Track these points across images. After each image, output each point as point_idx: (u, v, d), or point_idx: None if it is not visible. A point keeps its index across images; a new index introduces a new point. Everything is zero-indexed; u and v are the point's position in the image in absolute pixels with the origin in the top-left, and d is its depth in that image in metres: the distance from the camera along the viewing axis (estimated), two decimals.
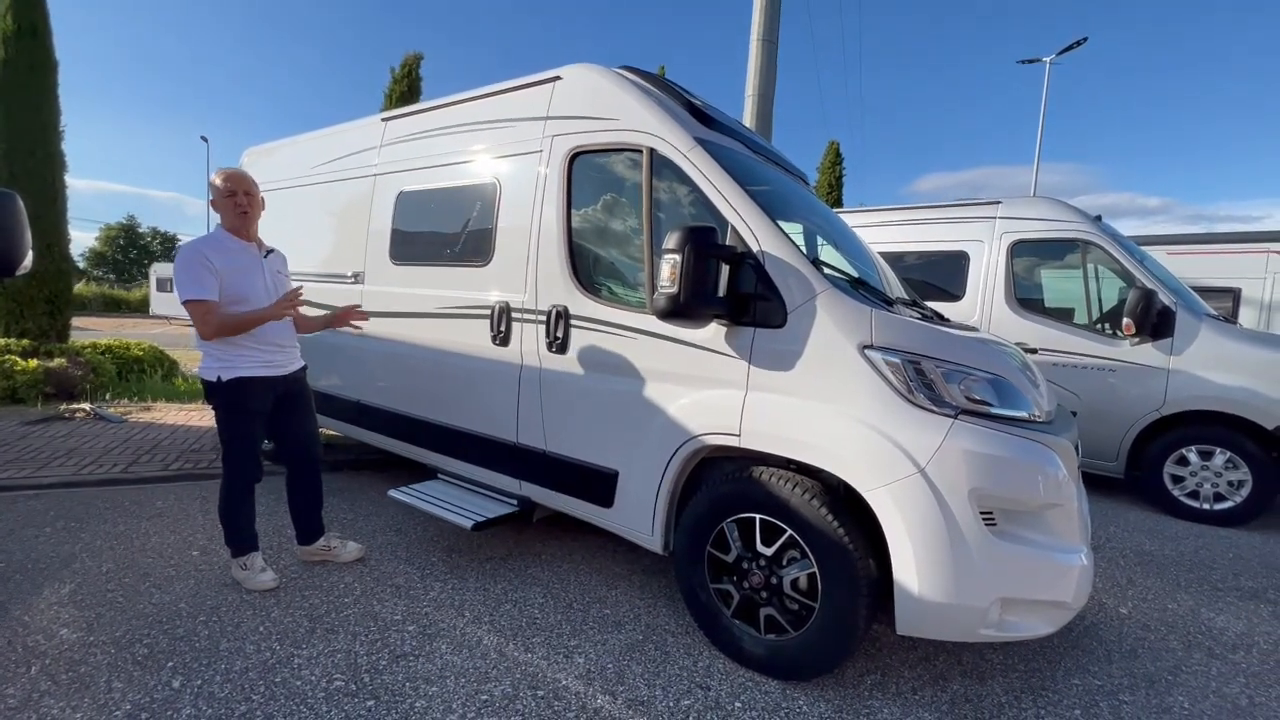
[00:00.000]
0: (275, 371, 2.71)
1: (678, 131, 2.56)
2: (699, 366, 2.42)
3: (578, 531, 3.52)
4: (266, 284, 2.69)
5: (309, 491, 3.01)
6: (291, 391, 2.83)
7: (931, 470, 1.96)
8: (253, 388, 2.64)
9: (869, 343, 2.11)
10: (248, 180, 2.68)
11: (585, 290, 2.78)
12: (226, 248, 2.60)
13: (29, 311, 7.27)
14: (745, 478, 2.30)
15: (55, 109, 7.42)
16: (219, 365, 2.60)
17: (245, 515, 2.77)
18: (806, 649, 2.17)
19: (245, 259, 2.63)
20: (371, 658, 2.26)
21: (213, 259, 2.51)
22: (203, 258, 2.50)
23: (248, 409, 2.66)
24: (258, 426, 2.73)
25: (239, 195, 2.61)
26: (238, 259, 2.60)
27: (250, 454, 2.72)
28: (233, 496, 2.72)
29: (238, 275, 2.57)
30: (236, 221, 2.63)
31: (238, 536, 2.76)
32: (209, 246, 2.56)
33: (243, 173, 2.72)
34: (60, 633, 2.33)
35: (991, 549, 1.94)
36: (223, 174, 2.65)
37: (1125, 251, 4.79)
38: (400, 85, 9.38)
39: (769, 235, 2.30)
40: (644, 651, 2.41)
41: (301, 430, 2.93)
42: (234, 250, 2.62)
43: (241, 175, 2.69)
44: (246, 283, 2.60)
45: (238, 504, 2.74)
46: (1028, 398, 2.19)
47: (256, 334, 2.61)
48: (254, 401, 2.66)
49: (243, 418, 2.67)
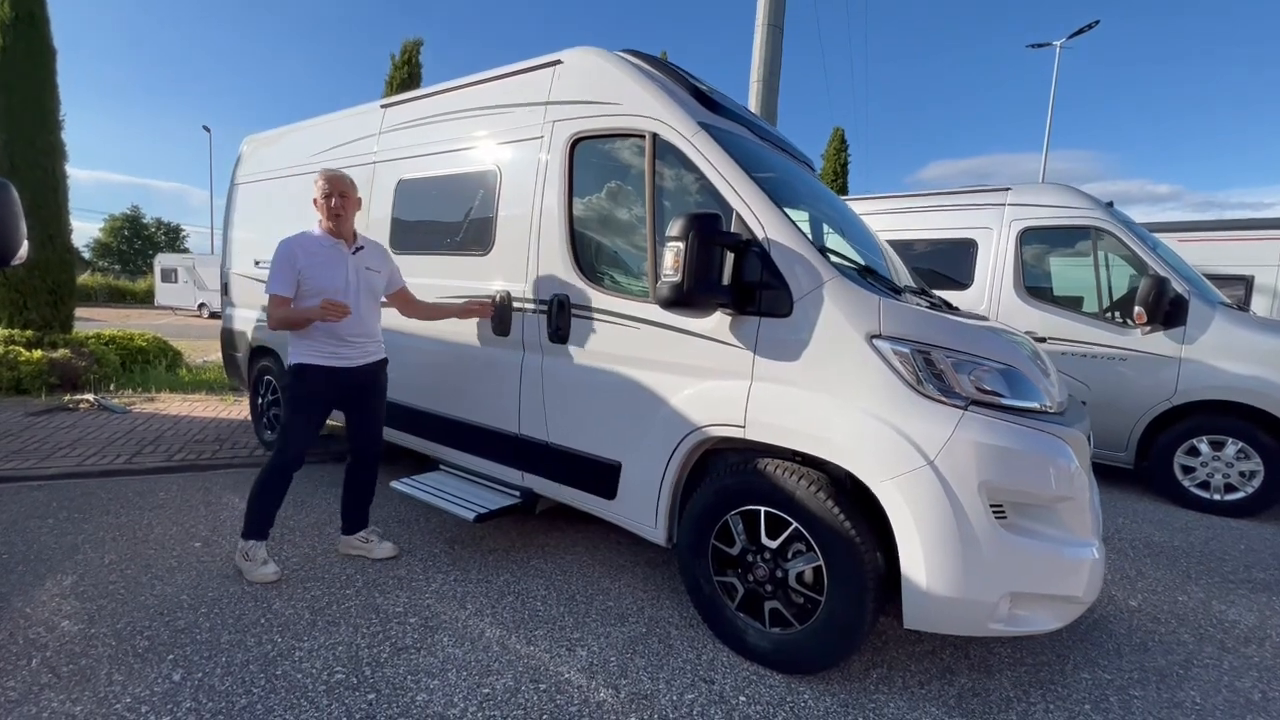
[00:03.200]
0: (340, 363, 2.76)
1: (681, 116, 2.50)
2: (703, 357, 2.37)
3: (580, 522, 3.50)
4: (349, 278, 2.76)
5: (360, 488, 3.03)
6: (361, 385, 2.86)
7: (941, 463, 1.91)
8: (314, 375, 2.72)
9: (877, 332, 2.06)
10: (345, 183, 2.77)
11: (587, 279, 2.74)
12: (314, 244, 2.73)
13: (32, 302, 7.26)
14: (750, 470, 2.26)
15: (55, 97, 7.37)
16: (292, 351, 2.77)
17: (272, 500, 2.77)
18: (812, 643, 2.14)
19: (329, 254, 2.73)
20: (373, 650, 2.25)
21: (298, 256, 2.66)
22: (289, 255, 2.66)
23: (308, 395, 2.75)
24: (316, 414, 2.80)
25: (334, 198, 2.72)
26: (321, 254, 2.71)
27: (300, 438, 2.76)
28: (269, 477, 2.75)
29: (318, 269, 2.68)
30: (328, 222, 2.74)
31: (255, 519, 2.76)
32: (298, 243, 2.71)
33: (340, 174, 2.80)
34: (62, 624, 2.32)
35: (1001, 543, 1.90)
36: (323, 176, 2.75)
37: (1138, 239, 4.71)
38: (400, 72, 9.29)
39: (775, 222, 2.25)
40: (647, 644, 2.38)
41: (364, 427, 2.97)
42: (321, 247, 2.73)
43: (339, 177, 2.77)
44: (326, 276, 2.70)
45: (271, 486, 2.75)
46: (1039, 388, 2.14)
47: (323, 327, 2.68)
48: (315, 389, 2.75)
49: (302, 402, 2.75)
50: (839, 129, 16.46)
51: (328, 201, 2.72)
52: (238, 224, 5.21)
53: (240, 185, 5.21)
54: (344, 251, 2.77)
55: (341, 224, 2.75)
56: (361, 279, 2.81)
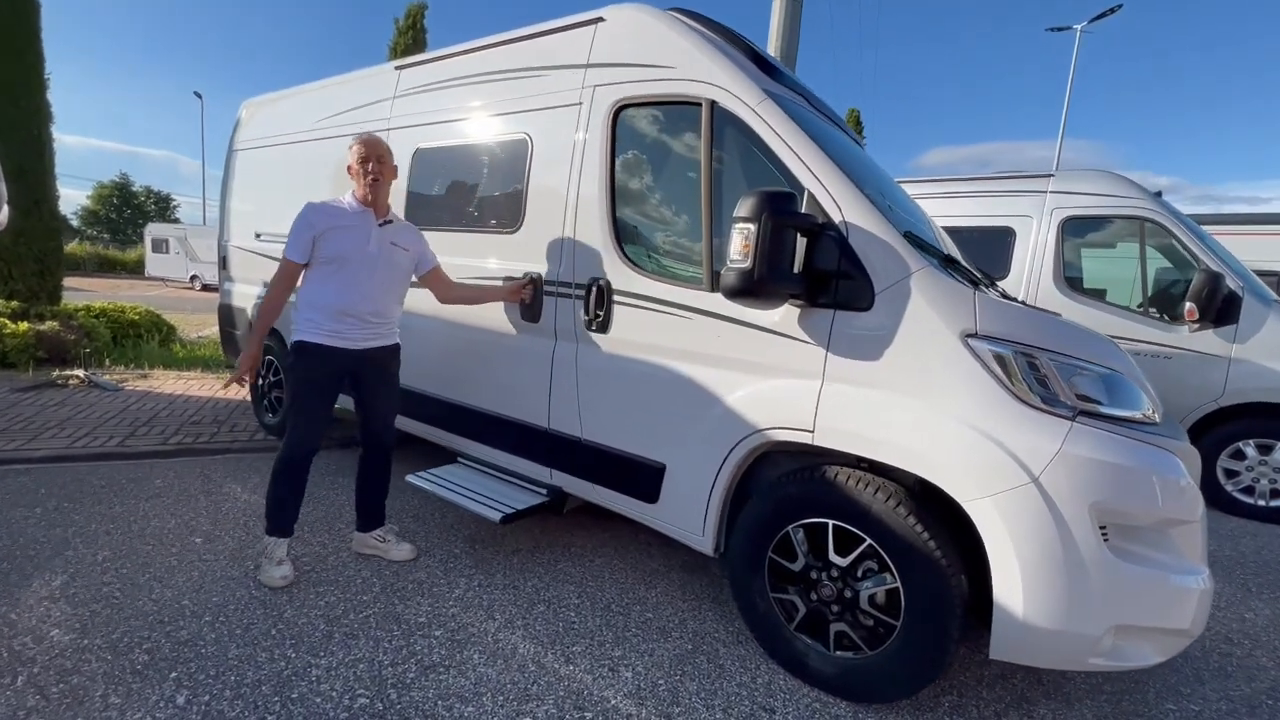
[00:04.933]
0: (342, 343, 2.52)
1: (745, 83, 2.24)
2: (765, 352, 2.14)
3: (605, 520, 3.29)
4: (372, 249, 2.53)
5: (372, 482, 2.80)
6: (366, 371, 2.64)
7: (1047, 480, 1.70)
8: (313, 354, 2.50)
9: (973, 331, 1.84)
10: (383, 148, 2.57)
11: (630, 263, 2.49)
12: (338, 209, 2.54)
13: (18, 271, 6.95)
14: (818, 479, 2.04)
15: (39, 55, 6.97)
16: (294, 325, 2.57)
17: (286, 495, 2.56)
18: (885, 671, 1.94)
19: (354, 220, 2.53)
20: (397, 669, 2.04)
21: (317, 219, 2.48)
22: (308, 217, 2.49)
23: (309, 375, 2.53)
24: (319, 398, 2.56)
25: (371, 162, 2.50)
26: (343, 219, 2.52)
27: (305, 426, 2.55)
28: (284, 466, 2.54)
29: (338, 234, 2.49)
30: (365, 188, 2.52)
31: (271, 515, 2.55)
32: (322, 206, 2.54)
33: (378, 139, 2.60)
34: (51, 634, 2.10)
35: (1111, 570, 1.70)
36: (359, 141, 2.55)
37: (1189, 231, 4.48)
38: (405, 38, 8.90)
39: (854, 204, 2.00)
40: (695, 664, 2.19)
41: (373, 418, 2.74)
42: (344, 212, 2.54)
43: (377, 141, 2.57)
44: (346, 241, 2.49)
45: (287, 475, 2.55)
46: (1143, 395, 1.93)
47: (326, 301, 2.49)
48: (315, 369, 2.52)
49: (304, 384, 2.54)
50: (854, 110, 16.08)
51: (364, 166, 2.49)
52: (236, 193, 4.91)
53: (239, 152, 4.89)
54: (371, 220, 2.55)
55: (378, 190, 2.54)
56: (384, 253, 2.57)
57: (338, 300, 2.48)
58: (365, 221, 2.53)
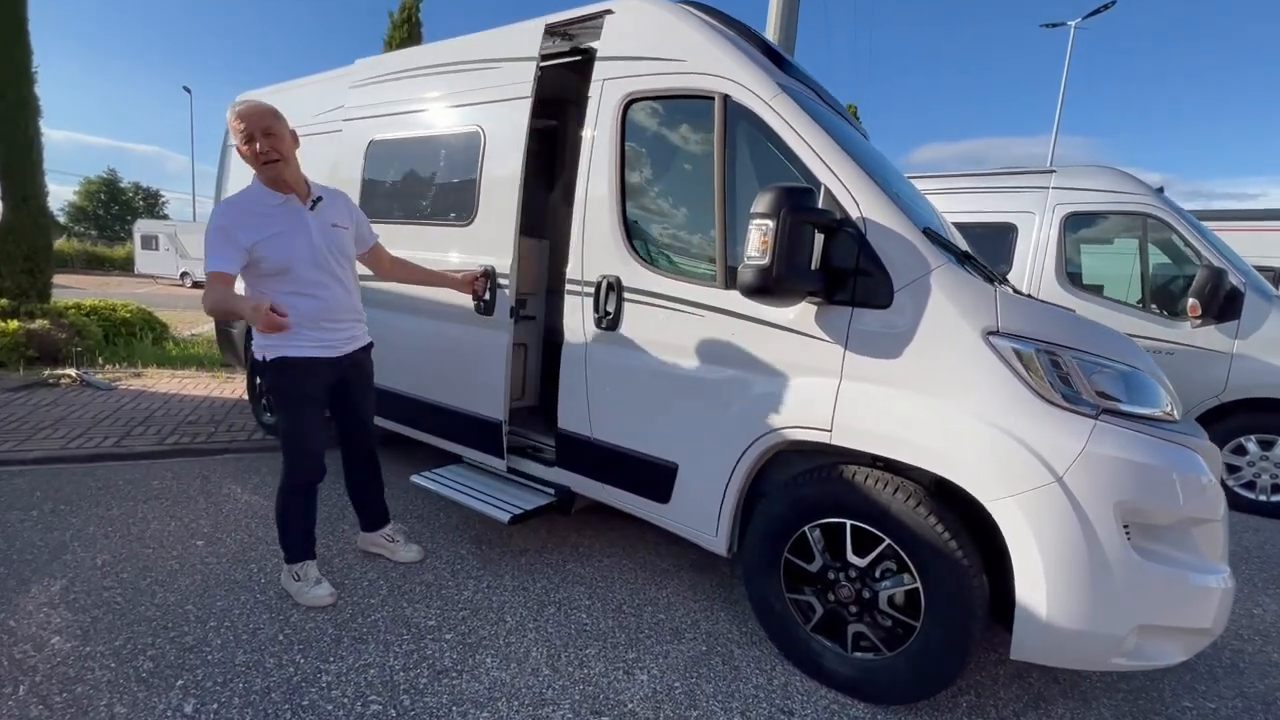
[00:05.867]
0: (330, 352, 2.30)
1: (758, 76, 2.20)
2: (781, 351, 2.11)
3: (611, 519, 3.26)
4: (314, 242, 2.19)
5: (365, 482, 2.71)
6: (351, 374, 2.43)
7: (1071, 479, 1.68)
8: (302, 369, 2.24)
9: (994, 328, 1.81)
10: (267, 115, 2.09)
11: (641, 259, 2.45)
12: (258, 211, 2.12)
13: (7, 269, 6.80)
14: (835, 478, 2.02)
15: (26, 48, 6.81)
16: (265, 342, 2.20)
17: (304, 517, 2.41)
18: (904, 672, 1.92)
19: (282, 221, 2.15)
20: (409, 674, 2.00)
21: (238, 234, 2.05)
22: (227, 224, 2.06)
23: (299, 394, 2.27)
24: (315, 415, 2.33)
25: (257, 140, 2.05)
26: (272, 223, 2.12)
27: (307, 449, 2.32)
28: (289, 498, 2.36)
29: (276, 242, 2.11)
30: (265, 173, 2.13)
31: (292, 541, 2.39)
32: (237, 215, 2.10)
33: (258, 106, 2.12)
34: (52, 641, 2.05)
35: (1135, 570, 1.68)
36: (233, 112, 2.07)
37: (1191, 227, 4.48)
38: (400, 31, 8.78)
39: (872, 199, 1.97)
40: (710, 666, 2.16)
41: (355, 417, 2.56)
42: (268, 212, 2.13)
43: (257, 110, 2.08)
44: (286, 248, 2.13)
45: (295, 505, 2.38)
46: (1162, 392, 1.92)
47: (304, 310, 2.17)
48: (306, 385, 2.27)
49: (295, 405, 2.27)
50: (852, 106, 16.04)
51: (251, 146, 2.05)
52: (232, 189, 4.82)
53: (234, 147, 4.80)
54: (298, 208, 2.18)
55: (282, 171, 2.12)
56: (330, 241, 2.25)
57: (311, 309, 2.21)
58: (295, 211, 2.18)
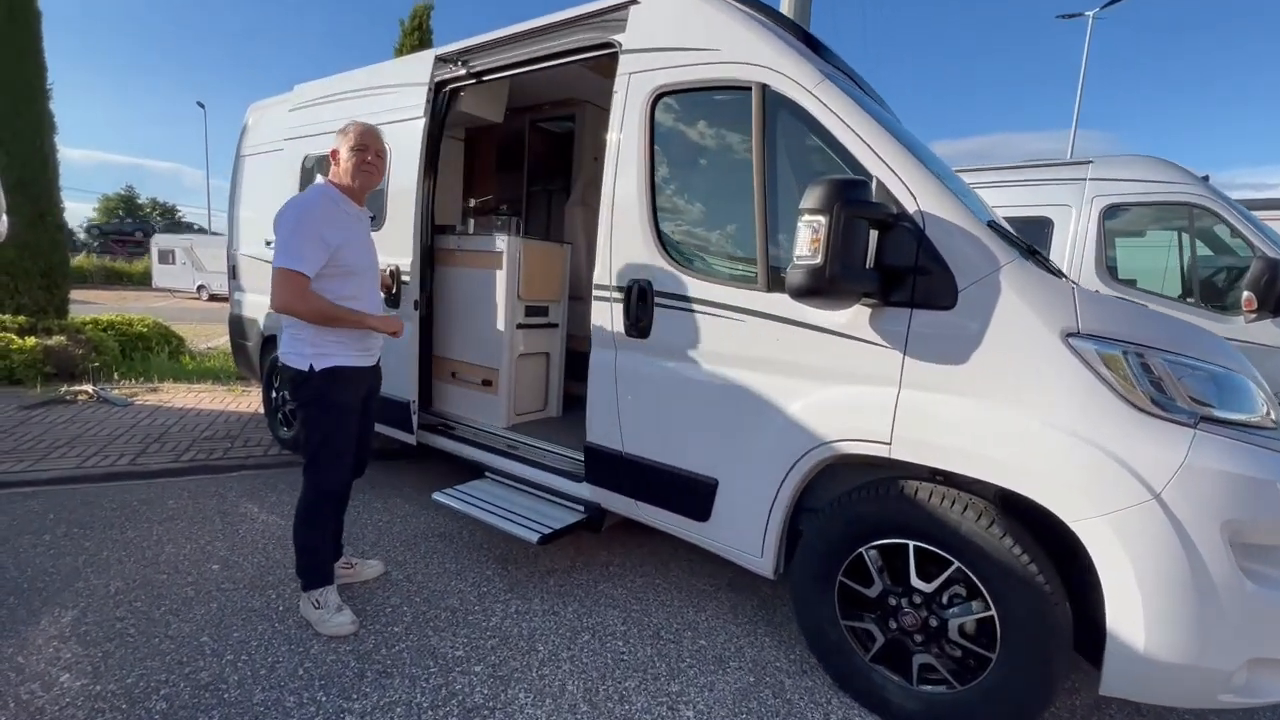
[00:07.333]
0: (368, 360, 2.29)
1: (800, 64, 2.05)
2: (832, 357, 1.95)
3: (641, 535, 3.11)
4: (374, 254, 2.36)
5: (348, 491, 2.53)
6: (375, 385, 2.41)
7: (1170, 496, 1.51)
8: (346, 378, 2.20)
9: (1074, 329, 1.64)
10: (380, 138, 2.28)
11: (673, 262, 2.31)
12: (343, 216, 2.17)
13: (24, 286, 6.80)
14: (896, 495, 1.85)
15: (40, 64, 6.82)
16: (313, 351, 2.13)
17: (326, 537, 2.32)
18: (978, 708, 1.75)
19: (359, 228, 2.25)
20: (438, 712, 1.86)
21: (327, 232, 2.08)
22: (315, 228, 2.06)
23: (340, 403, 2.21)
24: (352, 424, 2.28)
25: (369, 153, 2.18)
26: (354, 230, 2.21)
27: (342, 459, 2.25)
28: (315, 512, 2.26)
29: (356, 247, 2.20)
30: (362, 181, 2.21)
31: (312, 565, 2.28)
32: (326, 214, 2.11)
33: (374, 128, 2.28)
34: (61, 679, 1.93)
35: (1247, 597, 1.50)
36: (357, 125, 2.21)
37: (1241, 216, 4.26)
38: (410, 39, 8.73)
39: (930, 191, 1.81)
40: (760, 699, 2.00)
41: (367, 435, 2.47)
42: (350, 219, 2.20)
43: (374, 131, 2.25)
44: (363, 254, 2.26)
45: (320, 522, 2.28)
46: (1259, 395, 1.74)
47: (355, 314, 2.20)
48: (347, 394, 2.23)
49: (335, 415, 2.21)
50: None
51: (361, 156, 2.17)
52: (245, 201, 4.76)
53: (247, 157, 4.74)
54: (367, 221, 2.35)
55: (371, 187, 2.29)
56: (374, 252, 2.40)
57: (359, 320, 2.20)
58: (366, 225, 2.32)
